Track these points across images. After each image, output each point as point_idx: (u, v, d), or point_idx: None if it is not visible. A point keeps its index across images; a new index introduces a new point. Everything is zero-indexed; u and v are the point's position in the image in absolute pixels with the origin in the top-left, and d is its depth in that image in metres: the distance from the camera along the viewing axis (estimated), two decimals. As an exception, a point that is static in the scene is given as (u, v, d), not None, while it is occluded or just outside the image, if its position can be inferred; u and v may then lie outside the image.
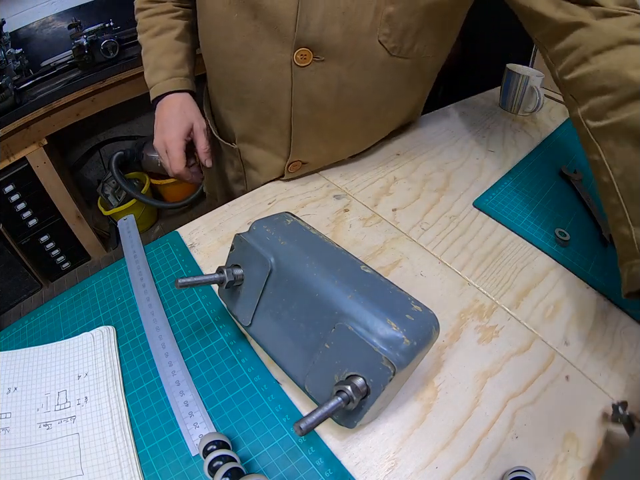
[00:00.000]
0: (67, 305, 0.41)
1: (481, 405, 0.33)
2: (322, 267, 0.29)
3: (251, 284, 0.33)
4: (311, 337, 0.29)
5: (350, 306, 0.27)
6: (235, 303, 0.34)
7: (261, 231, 0.33)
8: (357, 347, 0.26)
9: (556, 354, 0.36)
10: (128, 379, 0.35)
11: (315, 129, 0.51)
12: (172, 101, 0.55)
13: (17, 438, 0.30)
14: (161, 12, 0.57)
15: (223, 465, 0.26)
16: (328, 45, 0.43)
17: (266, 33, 0.43)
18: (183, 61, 0.57)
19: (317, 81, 0.45)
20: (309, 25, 0.41)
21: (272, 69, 0.45)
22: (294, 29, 0.41)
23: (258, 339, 0.34)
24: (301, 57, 0.43)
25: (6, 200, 1.31)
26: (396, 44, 0.45)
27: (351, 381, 0.25)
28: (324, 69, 0.45)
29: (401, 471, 0.29)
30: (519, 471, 0.28)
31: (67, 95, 1.26)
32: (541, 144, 0.66)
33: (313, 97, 0.47)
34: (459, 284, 0.42)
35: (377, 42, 0.44)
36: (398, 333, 0.25)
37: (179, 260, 0.45)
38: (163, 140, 0.54)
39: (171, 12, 0.58)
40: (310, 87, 0.46)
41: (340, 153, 0.58)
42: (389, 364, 0.24)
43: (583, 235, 0.49)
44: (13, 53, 1.28)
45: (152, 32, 0.57)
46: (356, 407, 0.26)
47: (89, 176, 1.78)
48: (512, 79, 0.72)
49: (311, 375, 0.29)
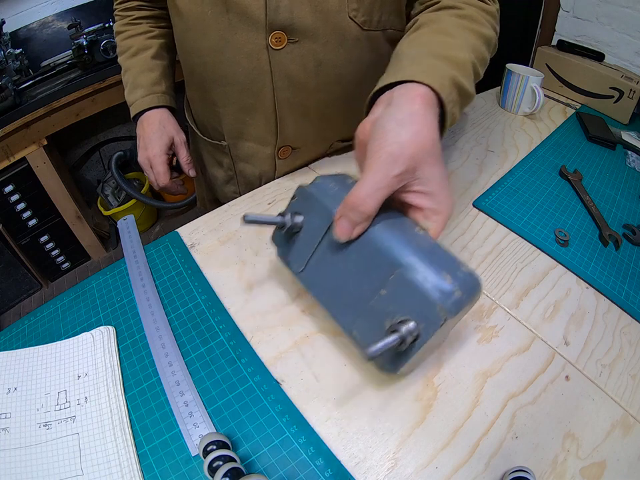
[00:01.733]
0: (66, 305, 0.41)
1: (480, 405, 0.33)
2: (382, 221, 0.31)
3: (309, 232, 0.35)
4: (365, 285, 0.31)
5: (408, 257, 0.29)
6: (290, 249, 0.36)
7: (325, 185, 0.35)
8: (413, 294, 0.28)
9: (556, 354, 0.36)
10: (128, 379, 0.35)
11: (299, 112, 0.52)
12: (151, 118, 0.58)
13: (17, 438, 0.30)
14: (137, 34, 0.60)
15: (223, 465, 0.26)
16: (300, 26, 0.44)
17: (239, 24, 0.45)
18: (159, 78, 0.59)
19: (295, 61, 0.47)
20: (279, 8, 0.43)
21: (249, 56, 0.47)
22: (264, 14, 0.43)
23: (307, 284, 0.36)
24: (276, 40, 0.45)
25: (6, 200, 1.31)
26: (365, 17, 0.46)
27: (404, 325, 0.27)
28: (299, 49, 0.46)
29: (401, 471, 0.29)
30: (519, 470, 0.28)
31: (67, 95, 1.26)
32: (540, 144, 0.66)
33: (292, 78, 0.48)
34: (458, 284, 0.42)
35: (347, 18, 0.45)
36: (451, 285, 0.27)
37: (178, 260, 0.45)
38: (147, 156, 0.57)
39: (146, 33, 0.60)
40: (289, 68, 0.47)
41: (328, 136, 0.58)
42: (442, 310, 0.27)
43: (583, 234, 0.50)
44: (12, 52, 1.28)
45: (129, 53, 0.59)
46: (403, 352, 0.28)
47: (88, 176, 1.78)
48: (512, 78, 0.72)
49: (362, 319, 0.31)
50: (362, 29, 0.47)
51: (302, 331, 0.38)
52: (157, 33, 0.61)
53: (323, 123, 0.55)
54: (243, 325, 0.38)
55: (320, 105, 0.52)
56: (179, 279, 0.43)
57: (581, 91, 0.81)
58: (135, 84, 0.58)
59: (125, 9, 0.61)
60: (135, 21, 0.61)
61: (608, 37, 0.87)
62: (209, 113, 0.57)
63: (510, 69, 0.73)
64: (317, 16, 0.44)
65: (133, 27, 0.61)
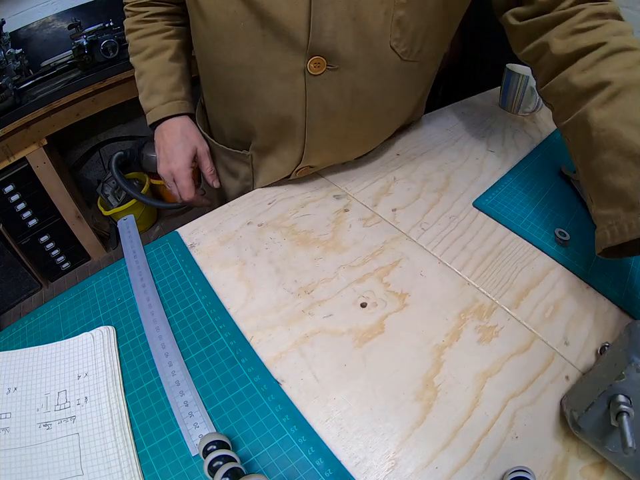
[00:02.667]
0: (67, 305, 0.41)
1: (480, 405, 0.33)
2: None
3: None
4: None
5: None
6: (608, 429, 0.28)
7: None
8: None
9: (556, 354, 0.36)
10: (128, 379, 0.35)
11: (328, 137, 0.50)
12: (172, 127, 0.54)
13: (17, 438, 0.30)
14: (152, 32, 0.56)
15: (223, 465, 0.26)
16: (342, 53, 0.41)
17: (275, 42, 0.41)
18: (178, 83, 0.56)
19: (332, 89, 0.44)
20: (322, 32, 0.39)
21: (283, 79, 0.44)
22: (306, 36, 0.40)
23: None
24: (315, 66, 0.42)
25: (6, 200, 1.31)
26: (407, 47, 0.44)
27: None
28: (338, 77, 0.43)
29: (401, 471, 0.29)
30: (519, 470, 0.28)
31: (67, 95, 1.26)
32: (540, 144, 0.66)
33: (327, 105, 0.46)
34: (459, 284, 0.42)
35: (388, 47, 0.43)
36: None
37: (178, 260, 0.45)
38: (170, 170, 0.54)
39: (162, 32, 0.56)
40: (325, 95, 0.45)
41: (348, 156, 0.58)
42: None
43: (583, 234, 0.49)
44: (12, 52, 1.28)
45: (144, 54, 0.55)
46: None
47: (89, 176, 1.78)
48: (512, 78, 0.72)
49: None
50: (401, 59, 0.45)
51: (302, 331, 0.38)
52: (174, 32, 0.57)
53: (348, 146, 0.55)
54: (243, 325, 0.38)
55: (349, 131, 0.51)
56: (179, 279, 0.43)
57: (581, 91, 0.81)
58: (152, 89, 0.55)
59: (137, 4, 0.57)
60: (149, 18, 0.56)
61: (608, 37, 0.87)
62: (230, 123, 0.54)
63: (510, 69, 0.73)
64: (359, 44, 0.41)
65: (147, 25, 0.56)
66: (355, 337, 0.37)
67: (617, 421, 0.26)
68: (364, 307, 0.40)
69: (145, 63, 0.55)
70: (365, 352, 0.36)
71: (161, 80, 0.55)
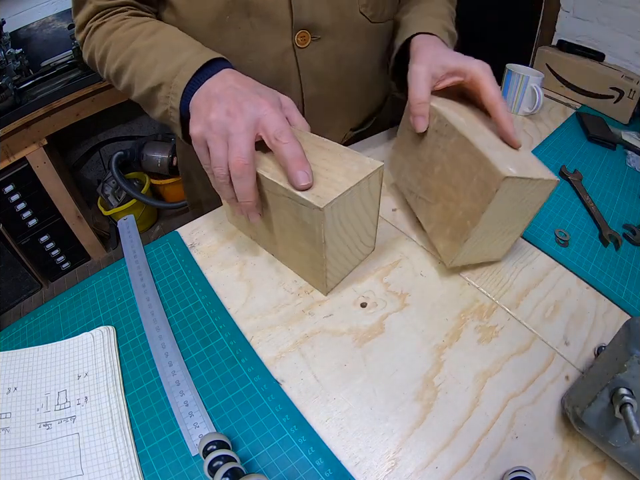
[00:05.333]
0: (67, 305, 0.41)
1: (480, 405, 0.33)
2: None
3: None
4: None
5: None
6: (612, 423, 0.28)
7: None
8: None
9: (556, 354, 0.36)
10: (128, 379, 0.35)
11: (323, 105, 0.54)
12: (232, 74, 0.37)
13: (17, 438, 0.30)
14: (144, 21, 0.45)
15: (223, 465, 0.26)
16: (321, 24, 0.47)
17: (263, 26, 0.45)
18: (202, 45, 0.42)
19: (318, 58, 0.49)
20: (302, 8, 0.44)
21: (274, 57, 0.47)
22: (289, 14, 0.44)
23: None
24: (301, 39, 0.47)
25: (6, 200, 1.31)
26: (373, 11, 0.50)
27: None
28: (322, 46, 0.49)
29: (401, 471, 0.29)
30: (519, 470, 0.28)
31: (67, 95, 1.26)
32: (541, 144, 0.66)
33: (317, 73, 0.50)
34: (459, 284, 0.42)
35: (359, 13, 0.49)
36: None
37: (178, 260, 0.45)
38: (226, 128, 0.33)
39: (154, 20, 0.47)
40: (313, 64, 0.49)
41: (345, 124, 0.60)
42: None
43: (583, 234, 0.49)
44: (13, 52, 1.28)
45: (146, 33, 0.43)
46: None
47: (89, 176, 1.78)
48: (512, 78, 0.72)
49: None
50: (370, 22, 0.51)
51: (302, 331, 0.38)
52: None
53: (340, 112, 0.58)
54: (243, 325, 0.38)
55: (340, 95, 0.55)
56: (179, 279, 0.43)
57: (581, 91, 0.81)
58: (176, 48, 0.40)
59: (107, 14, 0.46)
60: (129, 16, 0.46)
61: (608, 37, 0.87)
62: None
63: (510, 69, 0.73)
64: (334, 13, 0.47)
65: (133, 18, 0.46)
66: (355, 337, 0.37)
67: (622, 412, 0.26)
68: (364, 306, 0.40)
69: (152, 37, 0.42)
70: (365, 352, 0.36)
71: (183, 38, 0.42)
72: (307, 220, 0.34)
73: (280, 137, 0.33)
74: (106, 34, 0.45)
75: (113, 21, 0.46)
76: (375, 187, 0.36)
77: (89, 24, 0.47)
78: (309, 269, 0.40)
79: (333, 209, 0.32)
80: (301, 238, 0.36)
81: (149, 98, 0.42)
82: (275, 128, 0.33)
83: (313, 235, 0.34)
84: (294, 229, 0.36)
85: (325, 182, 0.33)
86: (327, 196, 0.32)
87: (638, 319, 0.29)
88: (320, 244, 0.34)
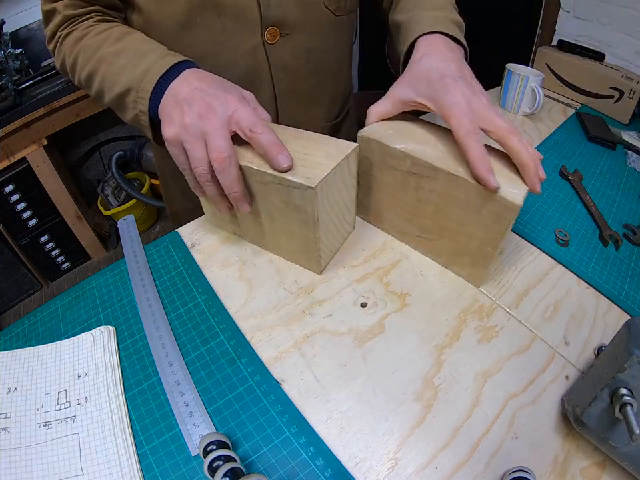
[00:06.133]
0: (67, 305, 0.41)
1: (480, 405, 0.33)
2: None
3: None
4: None
5: None
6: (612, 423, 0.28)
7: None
8: None
9: (556, 354, 0.36)
10: (128, 379, 0.35)
11: (295, 99, 0.55)
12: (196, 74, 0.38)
13: (17, 438, 0.30)
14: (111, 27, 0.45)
15: (222, 465, 0.26)
16: (289, 19, 0.48)
17: (234, 26, 0.46)
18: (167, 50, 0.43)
19: (288, 52, 0.51)
20: (270, 6, 0.46)
21: (245, 55, 0.48)
22: (259, 13, 0.46)
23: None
24: (271, 36, 0.48)
25: (6, 200, 1.31)
26: (336, 5, 0.52)
27: None
28: (291, 41, 0.50)
29: (401, 471, 0.29)
30: (519, 470, 0.28)
31: (67, 95, 1.26)
32: (541, 144, 0.66)
33: (287, 67, 0.52)
34: (459, 284, 0.42)
35: (323, 7, 0.51)
36: None
37: (178, 260, 0.45)
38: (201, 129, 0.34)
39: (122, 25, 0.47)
40: (284, 59, 0.51)
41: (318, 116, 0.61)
42: None
43: (583, 234, 0.49)
44: (13, 52, 1.28)
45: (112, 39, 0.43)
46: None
47: (89, 176, 1.78)
48: (512, 78, 0.72)
49: None
50: (335, 15, 0.53)
51: (302, 331, 0.38)
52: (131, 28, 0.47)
53: (313, 105, 0.59)
54: (243, 325, 0.38)
55: (311, 88, 0.56)
56: (179, 279, 0.43)
57: (581, 91, 0.81)
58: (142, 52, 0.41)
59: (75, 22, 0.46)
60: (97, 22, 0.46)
61: (608, 37, 0.87)
62: None
63: (510, 69, 0.73)
64: (300, 9, 0.48)
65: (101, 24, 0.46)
66: (355, 336, 0.37)
67: (622, 412, 0.26)
68: (364, 307, 0.40)
69: (119, 43, 0.43)
70: (365, 352, 0.36)
71: (148, 43, 0.43)
72: (299, 202, 0.35)
73: (254, 128, 0.34)
74: (75, 42, 0.46)
75: (81, 28, 0.46)
76: (352, 166, 0.39)
77: (59, 33, 0.48)
78: (301, 252, 0.41)
79: (323, 188, 0.35)
80: (293, 222, 0.38)
81: (118, 102, 0.43)
82: (248, 121, 0.35)
83: (306, 216, 0.36)
84: (284, 214, 0.38)
85: (310, 165, 0.35)
86: (316, 176, 0.34)
87: (638, 319, 0.29)
88: (313, 223, 0.37)
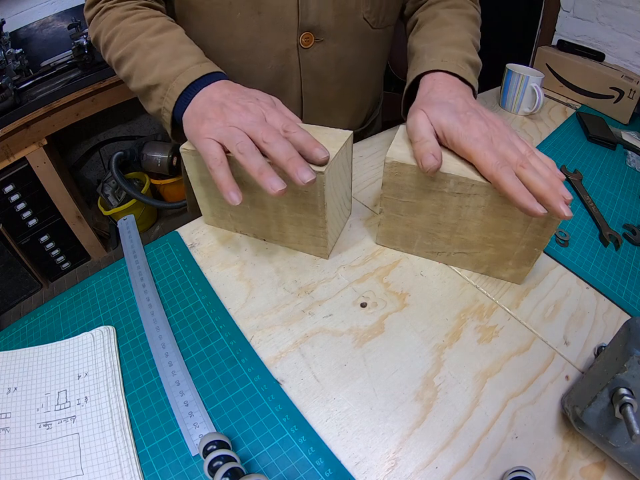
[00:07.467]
0: (67, 305, 0.41)
1: (480, 405, 0.33)
2: None
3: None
4: None
5: None
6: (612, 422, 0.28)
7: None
8: None
9: (556, 354, 0.36)
10: (128, 379, 0.35)
11: (320, 103, 0.57)
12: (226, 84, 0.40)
13: (17, 438, 0.30)
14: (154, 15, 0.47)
15: (222, 465, 0.26)
16: (325, 27, 0.50)
17: (271, 26, 0.48)
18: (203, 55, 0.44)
19: (320, 59, 0.53)
20: (309, 12, 0.48)
21: (279, 55, 0.51)
22: (296, 17, 0.48)
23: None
24: (305, 41, 0.50)
25: (6, 200, 1.31)
26: (375, 18, 0.53)
27: None
28: (324, 48, 0.52)
29: (401, 471, 0.29)
30: (519, 470, 0.28)
31: (67, 95, 1.26)
32: (541, 144, 0.66)
33: (317, 73, 0.54)
34: (459, 284, 0.42)
35: (362, 19, 0.52)
36: None
37: (178, 260, 0.45)
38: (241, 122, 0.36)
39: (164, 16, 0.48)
40: (314, 64, 0.53)
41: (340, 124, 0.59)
42: None
43: (583, 234, 0.49)
44: (12, 52, 1.28)
45: (153, 30, 0.44)
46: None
47: (89, 176, 1.78)
48: (512, 78, 0.72)
49: None
50: (372, 28, 0.54)
51: (302, 331, 0.38)
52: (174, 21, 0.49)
53: (338, 112, 0.61)
54: (243, 324, 0.38)
55: (338, 96, 0.58)
56: (179, 279, 0.43)
57: (581, 91, 0.81)
58: (177, 53, 0.42)
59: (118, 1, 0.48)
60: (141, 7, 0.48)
61: (608, 37, 0.87)
62: None
63: (510, 68, 0.73)
64: (338, 18, 0.50)
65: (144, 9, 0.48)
66: (355, 336, 0.37)
67: (622, 412, 0.26)
68: (364, 307, 0.40)
69: (158, 36, 0.44)
70: (365, 352, 0.36)
71: (187, 44, 0.44)
72: (308, 188, 0.37)
73: (288, 128, 0.36)
74: (115, 20, 0.47)
75: (123, 8, 0.48)
76: (349, 153, 0.42)
77: (100, 4, 0.49)
78: (309, 238, 0.43)
79: (330, 172, 0.37)
80: (300, 209, 0.40)
81: (145, 93, 0.44)
82: (282, 122, 0.37)
83: (314, 201, 0.38)
84: (292, 202, 0.40)
85: None
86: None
87: (638, 319, 0.29)
88: (322, 207, 0.39)
